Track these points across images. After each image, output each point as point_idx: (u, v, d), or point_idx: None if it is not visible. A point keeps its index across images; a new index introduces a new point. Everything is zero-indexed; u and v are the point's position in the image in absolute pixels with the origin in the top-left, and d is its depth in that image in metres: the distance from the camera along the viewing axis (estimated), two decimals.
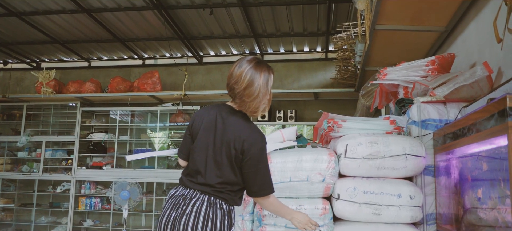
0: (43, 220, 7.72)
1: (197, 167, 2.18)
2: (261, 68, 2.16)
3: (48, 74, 7.61)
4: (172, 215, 2.13)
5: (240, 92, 2.12)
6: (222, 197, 2.14)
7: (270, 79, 2.20)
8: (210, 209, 2.10)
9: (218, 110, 2.24)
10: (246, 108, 2.18)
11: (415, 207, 2.40)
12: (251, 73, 2.12)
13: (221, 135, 2.16)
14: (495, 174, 1.78)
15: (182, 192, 2.18)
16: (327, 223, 2.43)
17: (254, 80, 2.11)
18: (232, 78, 2.15)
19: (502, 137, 1.58)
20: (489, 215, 1.88)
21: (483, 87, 2.69)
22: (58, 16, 6.43)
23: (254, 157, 2.12)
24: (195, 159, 2.20)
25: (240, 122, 2.18)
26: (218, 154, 2.15)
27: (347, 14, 6.09)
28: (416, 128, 2.65)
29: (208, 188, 2.13)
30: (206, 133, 2.20)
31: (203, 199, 2.12)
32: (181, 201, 2.15)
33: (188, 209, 2.10)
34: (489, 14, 2.80)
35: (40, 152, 7.75)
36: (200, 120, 2.25)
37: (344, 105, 7.35)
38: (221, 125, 2.18)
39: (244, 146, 2.11)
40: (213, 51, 8.02)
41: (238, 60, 2.19)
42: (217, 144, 2.16)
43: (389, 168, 2.45)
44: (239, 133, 2.14)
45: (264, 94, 2.16)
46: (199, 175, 2.16)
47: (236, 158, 2.13)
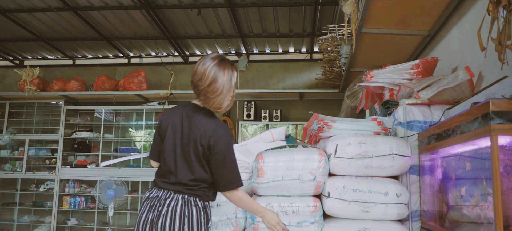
0: (26, 219, 7.64)
1: (168, 167, 2.22)
2: (224, 65, 2.21)
3: (31, 72, 7.52)
4: (149, 217, 2.18)
5: (204, 89, 2.18)
6: (196, 194, 2.19)
7: (234, 76, 2.26)
8: (185, 207, 2.15)
9: (183, 109, 2.30)
10: (210, 104, 2.23)
11: (401, 204, 2.51)
12: (215, 70, 2.17)
13: (187, 133, 2.21)
14: (478, 173, 1.90)
15: (157, 194, 2.23)
16: (318, 220, 2.52)
17: (218, 77, 2.17)
18: (196, 75, 2.21)
19: (485, 139, 1.69)
20: (472, 212, 2.00)
21: (464, 91, 2.82)
22: (43, 13, 6.38)
23: (220, 151, 2.17)
24: (165, 159, 2.25)
25: (205, 118, 2.23)
26: (186, 152, 2.20)
27: (332, 16, 6.21)
28: (402, 129, 2.76)
29: (181, 186, 2.18)
30: (173, 132, 2.25)
31: (177, 198, 2.17)
32: (156, 202, 2.19)
33: (164, 210, 2.15)
34: (471, 20, 2.94)
35: (23, 150, 7.67)
36: (167, 120, 2.30)
37: (328, 105, 7.48)
38: (187, 123, 2.23)
39: (210, 141, 2.16)
40: (199, 51, 8.06)
41: (201, 58, 2.25)
42: (184, 142, 2.21)
43: (377, 167, 2.56)
44: (205, 129, 2.19)
45: (228, 91, 2.22)
46: (171, 174, 2.21)
47: (203, 154, 2.18)
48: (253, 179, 2.61)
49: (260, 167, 2.57)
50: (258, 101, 7.77)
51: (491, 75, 2.53)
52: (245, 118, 7.54)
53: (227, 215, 2.56)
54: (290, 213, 2.51)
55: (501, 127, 1.61)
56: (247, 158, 2.99)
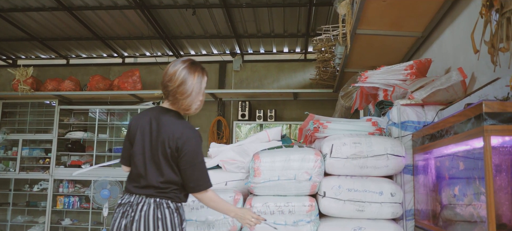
0: (19, 219, 7.61)
1: (138, 170, 2.23)
2: (195, 69, 2.24)
3: (25, 71, 7.49)
4: (122, 224, 2.18)
5: (174, 90, 2.19)
6: (167, 196, 2.20)
7: (204, 80, 2.28)
8: (157, 210, 2.16)
9: (152, 112, 2.31)
10: (179, 106, 2.24)
11: (395, 203, 2.55)
12: (185, 72, 2.19)
13: (156, 135, 2.22)
14: (471, 173, 1.94)
15: (129, 199, 2.23)
16: (313, 219, 2.55)
17: (188, 80, 2.19)
18: (166, 76, 2.22)
19: (478, 139, 1.73)
20: (465, 210, 2.04)
21: (457, 91, 2.86)
22: (38, 13, 6.36)
23: (188, 153, 2.18)
24: (135, 163, 2.25)
25: (173, 120, 2.24)
26: (155, 154, 2.21)
27: (326, 17, 6.25)
28: (396, 129, 2.80)
29: (151, 190, 2.19)
30: (142, 136, 2.26)
31: (149, 202, 2.17)
32: (128, 208, 2.20)
33: (136, 215, 2.15)
34: (464, 22, 2.98)
35: (17, 150, 7.64)
36: (135, 124, 2.31)
37: (322, 105, 7.52)
38: (155, 126, 2.24)
39: (178, 143, 2.17)
40: (193, 51, 8.07)
41: (173, 61, 2.27)
42: (153, 145, 2.22)
43: (372, 167, 2.59)
44: (173, 131, 2.19)
45: (197, 94, 2.24)
46: (141, 178, 2.21)
47: (172, 156, 2.19)
48: (249, 178, 2.64)
49: (257, 167, 2.60)
50: (252, 101, 7.80)
51: (483, 76, 2.57)
52: (240, 118, 7.56)
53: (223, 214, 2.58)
54: (286, 213, 2.54)
55: (494, 128, 1.65)
56: (243, 158, 3.01)
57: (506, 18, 1.64)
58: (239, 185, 2.95)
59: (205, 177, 2.25)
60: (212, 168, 3.09)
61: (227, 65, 8.11)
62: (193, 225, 2.60)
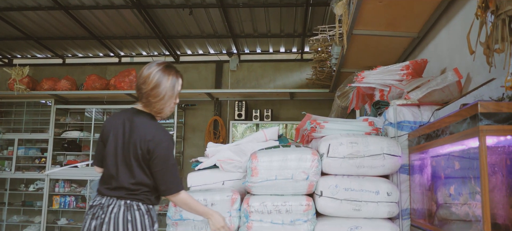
0: (15, 219, 7.60)
1: (110, 172, 2.23)
2: (169, 72, 2.24)
3: (21, 71, 7.47)
4: (92, 225, 2.17)
5: (147, 92, 2.20)
6: (138, 198, 2.20)
7: (178, 83, 2.28)
8: (127, 212, 2.15)
9: (125, 113, 2.31)
10: (152, 108, 2.25)
11: (392, 203, 2.57)
12: (159, 75, 2.19)
13: (128, 137, 2.22)
14: (466, 172, 1.96)
15: (100, 201, 2.22)
16: (310, 219, 2.57)
17: (161, 83, 2.19)
18: (140, 79, 2.22)
19: (474, 139, 1.75)
20: (461, 210, 2.06)
21: (453, 92, 2.89)
22: (34, 12, 6.35)
23: (160, 156, 2.18)
24: (107, 164, 2.25)
25: (145, 122, 2.25)
26: (126, 156, 2.21)
27: (323, 17, 6.28)
28: (393, 129, 2.82)
29: (122, 191, 2.19)
30: (114, 137, 2.26)
31: (119, 204, 2.17)
32: (99, 210, 2.19)
33: (106, 217, 2.15)
34: (459, 23, 3.01)
35: (12, 150, 7.61)
36: (109, 125, 2.31)
37: (319, 105, 7.55)
38: (128, 128, 2.24)
39: (150, 145, 2.17)
40: (190, 50, 8.08)
41: (148, 63, 2.28)
42: (125, 146, 2.22)
43: (368, 166, 2.61)
44: (145, 133, 2.20)
45: (170, 97, 2.24)
46: (113, 179, 2.21)
47: (143, 158, 2.19)
48: (247, 178, 2.65)
49: (254, 166, 2.61)
50: (249, 101, 7.81)
51: (478, 77, 2.60)
52: (236, 118, 7.58)
53: None
54: (283, 212, 2.55)
55: (489, 128, 1.67)
56: (240, 158, 3.02)
57: (501, 19, 1.67)
58: (237, 184, 2.96)
59: (176, 180, 2.25)
60: (209, 168, 3.10)
61: (223, 65, 8.12)
62: (190, 224, 2.61)
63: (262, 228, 2.55)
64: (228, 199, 2.63)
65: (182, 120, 7.96)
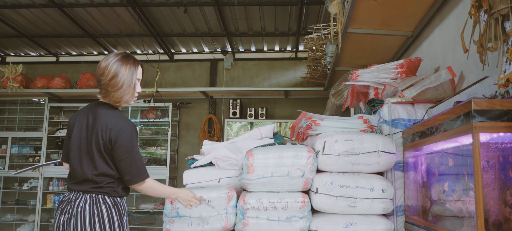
0: (8, 217, 7.56)
1: (74, 165, 2.24)
2: (127, 61, 2.26)
3: (14, 69, 7.44)
4: (61, 220, 2.19)
5: (106, 83, 2.21)
6: (103, 191, 2.21)
7: (136, 72, 2.30)
8: (93, 206, 2.16)
9: (90, 107, 2.32)
10: (110, 98, 2.25)
11: (386, 199, 2.60)
12: (117, 66, 2.22)
13: (91, 128, 2.23)
14: (460, 169, 1.99)
15: (68, 197, 2.24)
16: (306, 215, 2.59)
17: (119, 73, 2.21)
18: (99, 70, 2.24)
19: (467, 136, 1.78)
20: (454, 206, 2.09)
21: (446, 90, 2.93)
22: (27, 10, 6.32)
23: (122, 145, 2.18)
24: (71, 158, 2.26)
25: (106, 112, 2.25)
26: (89, 147, 2.21)
27: (317, 15, 6.30)
28: (387, 127, 2.85)
29: (87, 185, 2.20)
30: (78, 130, 2.26)
31: (85, 198, 2.18)
32: (67, 205, 2.21)
33: (74, 211, 2.16)
34: (452, 22, 3.04)
35: (6, 148, 7.57)
36: (74, 120, 2.33)
37: (313, 103, 7.58)
38: (91, 119, 2.24)
39: (111, 135, 2.18)
40: (184, 49, 8.07)
41: (106, 55, 2.30)
42: (88, 138, 2.22)
43: (363, 163, 2.64)
44: (106, 122, 2.20)
45: (128, 86, 2.26)
46: (77, 173, 2.22)
47: (105, 148, 2.19)
48: (243, 175, 2.67)
49: (250, 163, 2.63)
50: (243, 99, 7.83)
51: (471, 75, 2.63)
52: (231, 116, 7.60)
53: (217, 211, 2.61)
54: (279, 209, 2.57)
55: (483, 125, 1.70)
56: (236, 155, 3.04)
57: (494, 18, 1.69)
58: (232, 182, 2.97)
59: (141, 168, 2.25)
60: (205, 165, 3.12)
61: (218, 63, 8.13)
62: (187, 221, 2.62)
63: (258, 225, 2.57)
64: (224, 196, 2.65)
65: (177, 118, 7.96)
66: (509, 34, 1.66)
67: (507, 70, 1.66)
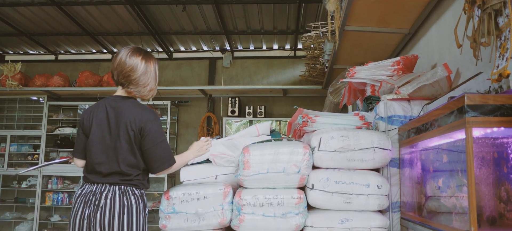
0: (7, 215, 7.57)
1: (98, 160, 2.29)
2: (150, 58, 2.42)
3: (13, 67, 7.45)
4: (85, 213, 2.21)
5: (136, 79, 2.33)
6: (132, 183, 2.29)
7: (157, 68, 2.48)
8: (123, 197, 2.24)
9: (106, 102, 2.39)
10: (140, 92, 2.38)
11: (382, 195, 2.60)
12: (144, 63, 2.36)
13: (115, 123, 2.30)
14: (454, 165, 1.99)
15: (90, 189, 2.27)
16: (302, 211, 2.59)
17: (148, 69, 2.37)
18: (127, 66, 2.32)
19: (460, 131, 1.78)
20: (448, 202, 2.10)
21: (443, 87, 2.93)
22: (26, 8, 6.32)
23: (151, 133, 2.30)
24: (93, 153, 2.31)
25: (131, 105, 2.35)
26: (116, 141, 2.28)
27: (316, 13, 6.31)
28: (383, 123, 2.85)
29: (115, 177, 2.26)
30: (99, 126, 2.33)
31: (114, 190, 2.24)
32: (91, 197, 2.23)
33: (101, 203, 2.20)
34: (449, 19, 3.05)
35: (5, 147, 7.58)
36: (89, 116, 2.38)
37: (311, 102, 7.58)
38: (113, 114, 2.32)
39: (141, 124, 2.29)
40: (183, 47, 8.08)
41: (124, 51, 2.37)
42: (113, 132, 2.30)
43: (359, 160, 2.64)
44: (134, 115, 2.31)
45: (155, 80, 2.44)
46: (102, 167, 2.27)
47: (135, 139, 2.29)
48: (239, 171, 2.67)
49: (246, 160, 2.63)
50: (242, 97, 7.84)
51: (467, 71, 2.64)
52: (229, 114, 7.60)
53: (213, 206, 2.61)
54: (275, 205, 2.58)
55: (476, 120, 1.71)
56: (233, 152, 3.04)
57: (487, 13, 1.70)
58: (229, 178, 2.98)
59: (169, 155, 2.39)
60: (202, 162, 3.12)
61: (217, 61, 8.14)
62: (183, 217, 2.62)
63: (254, 221, 2.57)
64: (220, 192, 2.65)
65: (175, 116, 7.97)
66: (502, 29, 1.66)
67: (500, 65, 1.67)
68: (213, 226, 2.64)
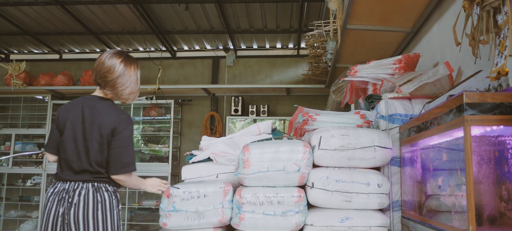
0: (12, 214, 7.61)
1: (70, 157, 2.31)
2: (130, 62, 2.43)
3: (18, 66, 7.49)
4: (59, 211, 2.24)
5: (112, 80, 2.35)
6: (104, 180, 2.34)
7: (139, 73, 2.51)
8: (97, 193, 2.28)
9: (83, 101, 2.42)
10: (118, 95, 2.42)
11: (382, 194, 2.60)
12: (123, 66, 2.37)
13: (90, 122, 2.33)
14: (453, 164, 1.99)
15: (63, 187, 2.29)
16: (302, 210, 2.60)
17: (125, 72, 2.38)
18: (104, 67, 2.35)
19: (459, 130, 1.77)
20: (448, 200, 2.09)
21: (444, 85, 2.92)
22: (30, 7, 6.35)
23: (122, 135, 2.33)
24: (67, 150, 2.33)
25: (107, 107, 2.39)
26: (89, 140, 2.31)
27: (319, 12, 6.29)
28: (384, 122, 2.84)
29: (88, 175, 2.29)
30: (73, 123, 2.35)
31: (88, 187, 2.28)
32: (64, 195, 2.26)
33: (75, 200, 2.24)
34: (451, 17, 3.03)
35: (9, 145, 7.63)
36: (65, 113, 2.40)
37: (314, 100, 7.57)
38: (88, 113, 2.35)
39: (114, 126, 2.32)
40: (186, 46, 8.09)
41: (107, 53, 2.42)
42: (87, 131, 2.32)
43: (359, 158, 2.64)
44: (108, 116, 2.34)
45: (135, 84, 2.47)
46: (74, 164, 2.30)
47: (107, 140, 2.32)
48: (239, 170, 2.68)
49: (246, 158, 2.63)
50: (245, 96, 7.84)
51: (469, 70, 2.62)
52: (233, 113, 7.61)
53: (213, 205, 2.62)
54: (275, 203, 2.58)
55: (474, 118, 1.70)
56: (234, 151, 3.05)
57: (486, 11, 1.69)
58: (230, 177, 2.98)
59: (132, 162, 2.40)
60: (203, 161, 3.13)
61: (220, 60, 8.14)
62: (183, 215, 2.63)
63: (254, 219, 2.58)
64: (220, 191, 2.65)
65: (179, 115, 7.98)
66: (501, 27, 1.65)
67: (499, 63, 1.66)
68: (213, 224, 2.65)
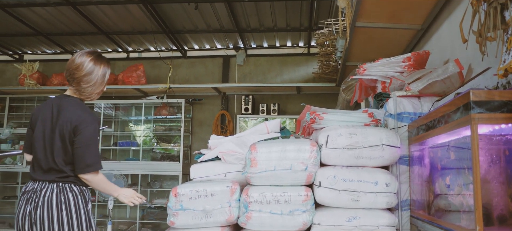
0: None
1: (39, 156, 2.33)
2: (100, 61, 2.44)
3: (31, 66, 7.60)
4: (27, 210, 2.28)
5: (79, 77, 2.37)
6: (69, 180, 2.32)
7: (108, 72, 2.51)
8: (60, 194, 2.28)
9: (54, 100, 2.44)
10: (81, 92, 2.43)
11: (390, 193, 2.57)
12: (92, 64, 2.39)
13: (55, 120, 2.34)
14: (461, 163, 1.96)
15: (32, 186, 2.32)
16: (309, 209, 2.59)
17: (94, 70, 2.39)
18: (73, 64, 2.38)
19: (466, 128, 1.75)
20: (456, 200, 2.06)
21: (454, 83, 2.88)
22: (42, 8, 6.43)
23: (84, 133, 2.31)
24: (35, 149, 2.36)
25: (71, 104, 2.39)
26: (54, 138, 2.32)
27: (329, 10, 6.26)
28: (392, 120, 2.82)
29: (53, 174, 2.30)
30: (42, 122, 2.37)
31: (52, 188, 2.29)
32: (32, 195, 2.29)
33: (40, 201, 2.26)
34: (460, 14, 2.98)
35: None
36: (37, 112, 2.43)
37: (325, 99, 7.54)
38: (56, 111, 2.37)
39: (77, 124, 2.32)
40: (197, 45, 8.11)
41: (79, 52, 2.45)
42: (53, 129, 2.34)
43: (367, 157, 2.62)
44: (72, 114, 2.34)
45: (100, 84, 2.47)
46: (42, 163, 2.32)
47: (70, 139, 2.31)
48: (246, 169, 2.68)
49: (253, 157, 2.63)
50: (255, 95, 7.84)
51: (479, 68, 2.58)
52: (243, 112, 7.62)
53: (221, 204, 2.62)
54: (282, 202, 2.57)
55: (481, 116, 1.67)
56: (242, 150, 3.05)
57: (493, 7, 1.66)
58: (238, 176, 2.99)
59: (99, 159, 2.39)
60: (212, 160, 3.14)
61: (230, 59, 8.15)
62: (190, 214, 2.64)
63: (261, 218, 2.57)
64: (227, 190, 2.66)
65: (190, 114, 8.01)
66: (509, 23, 1.63)
67: (506, 60, 1.63)
68: (220, 223, 2.65)
